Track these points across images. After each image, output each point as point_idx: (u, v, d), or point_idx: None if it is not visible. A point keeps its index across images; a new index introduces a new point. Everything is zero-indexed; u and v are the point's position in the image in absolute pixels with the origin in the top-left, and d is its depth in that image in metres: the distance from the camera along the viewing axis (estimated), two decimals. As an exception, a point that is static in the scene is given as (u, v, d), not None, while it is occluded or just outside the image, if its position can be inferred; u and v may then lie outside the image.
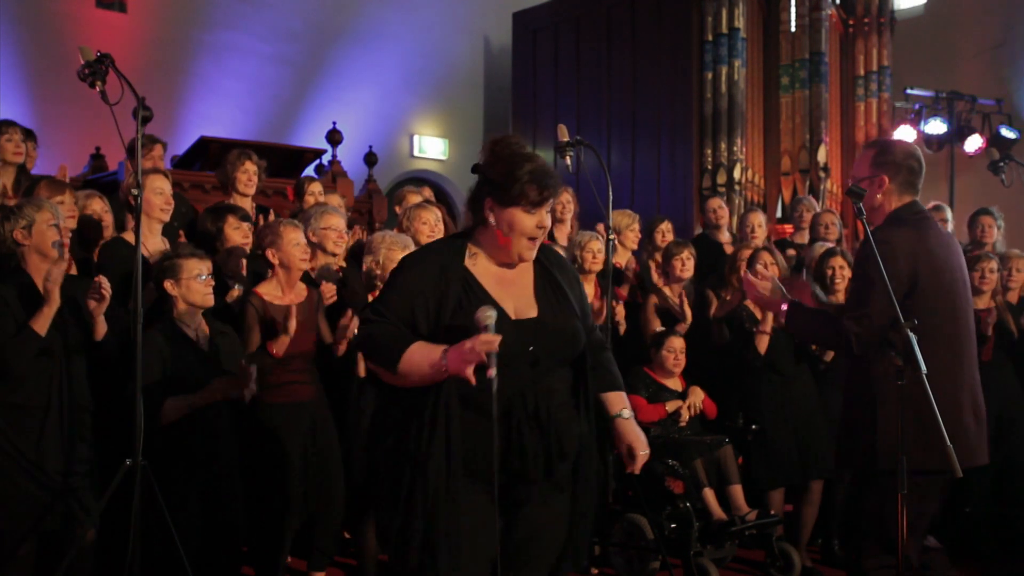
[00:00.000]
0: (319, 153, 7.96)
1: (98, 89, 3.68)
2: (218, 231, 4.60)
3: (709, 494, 4.87)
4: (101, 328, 3.68)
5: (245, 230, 4.65)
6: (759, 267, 5.05)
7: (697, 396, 5.15)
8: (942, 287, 3.18)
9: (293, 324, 3.97)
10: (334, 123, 8.44)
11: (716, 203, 6.79)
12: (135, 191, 3.70)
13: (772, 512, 4.93)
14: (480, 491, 2.47)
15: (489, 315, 2.39)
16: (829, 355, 5.15)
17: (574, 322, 2.61)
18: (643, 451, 2.69)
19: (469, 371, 2.35)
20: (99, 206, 4.63)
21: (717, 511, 4.83)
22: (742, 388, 5.16)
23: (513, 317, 2.53)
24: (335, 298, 4.37)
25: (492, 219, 2.55)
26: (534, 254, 2.60)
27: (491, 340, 2.35)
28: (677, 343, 5.16)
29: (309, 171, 7.95)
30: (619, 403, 2.76)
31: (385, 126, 10.80)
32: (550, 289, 2.63)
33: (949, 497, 3.49)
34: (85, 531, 3.58)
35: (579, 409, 2.62)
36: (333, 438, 4.21)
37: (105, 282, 3.62)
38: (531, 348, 2.49)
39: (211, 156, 6.86)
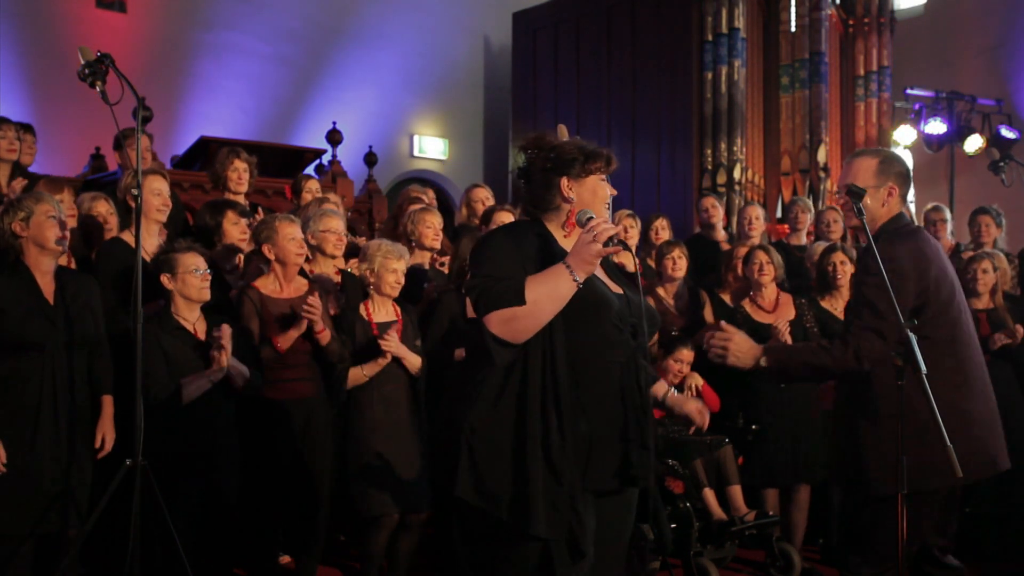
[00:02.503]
0: (319, 153, 7.96)
1: (98, 89, 3.68)
2: (216, 226, 4.61)
3: (709, 494, 4.87)
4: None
5: (243, 225, 4.67)
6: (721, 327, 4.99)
7: (696, 379, 5.11)
8: (945, 297, 3.16)
9: (303, 320, 4.00)
10: (334, 123, 8.44)
11: (709, 202, 6.78)
12: (135, 191, 3.70)
13: (771, 513, 4.93)
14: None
15: (587, 212, 2.53)
16: None
17: (650, 304, 2.76)
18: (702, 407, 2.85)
19: (597, 248, 2.40)
20: (104, 208, 4.64)
21: (717, 511, 4.82)
22: (741, 388, 5.16)
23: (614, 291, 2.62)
24: (316, 314, 4.11)
25: (574, 195, 2.61)
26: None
27: (605, 223, 2.44)
28: (686, 355, 5.03)
29: (309, 171, 7.95)
30: (662, 388, 2.87)
31: (385, 126, 10.80)
32: (617, 272, 2.74)
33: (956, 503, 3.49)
34: (78, 532, 3.58)
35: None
36: (327, 436, 4.21)
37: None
38: (632, 319, 2.57)
39: (211, 156, 6.85)
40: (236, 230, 4.63)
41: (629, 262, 3.19)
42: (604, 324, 2.52)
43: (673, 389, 2.83)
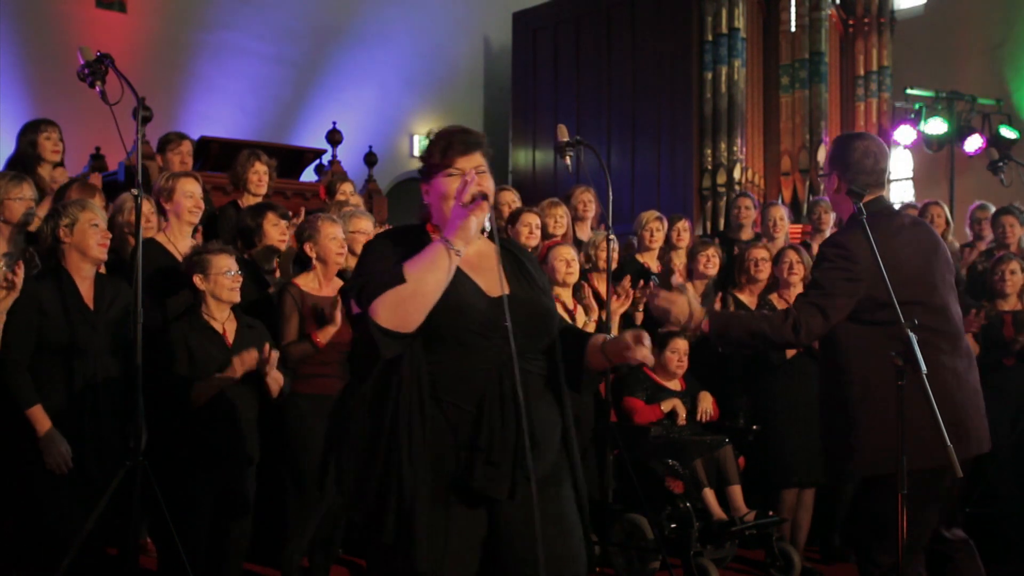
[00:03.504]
0: (319, 153, 7.96)
1: (98, 89, 3.70)
2: (257, 227, 4.72)
3: (709, 494, 4.87)
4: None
5: (283, 227, 4.77)
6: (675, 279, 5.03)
7: (707, 401, 5.15)
8: (909, 280, 3.12)
9: (338, 315, 4.08)
10: (334, 123, 8.44)
11: (746, 202, 6.68)
12: (135, 191, 3.73)
13: (771, 513, 4.93)
14: (448, 488, 2.37)
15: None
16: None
17: (546, 300, 2.58)
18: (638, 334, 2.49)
19: (470, 217, 2.33)
20: (146, 207, 4.64)
21: (717, 511, 4.83)
22: (755, 387, 5.16)
23: (488, 294, 2.46)
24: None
25: (427, 200, 2.53)
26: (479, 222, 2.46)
27: (474, 182, 2.37)
28: (681, 345, 5.14)
29: (309, 171, 7.95)
30: (599, 339, 2.59)
31: (385, 126, 10.81)
32: (518, 271, 2.58)
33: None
34: (78, 532, 3.60)
35: (559, 403, 2.54)
36: None
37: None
38: (506, 323, 2.38)
39: (211, 156, 6.87)
40: (276, 231, 4.73)
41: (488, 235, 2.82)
42: (461, 332, 2.37)
43: (608, 336, 2.59)
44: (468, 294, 2.42)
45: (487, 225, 2.44)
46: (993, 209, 6.22)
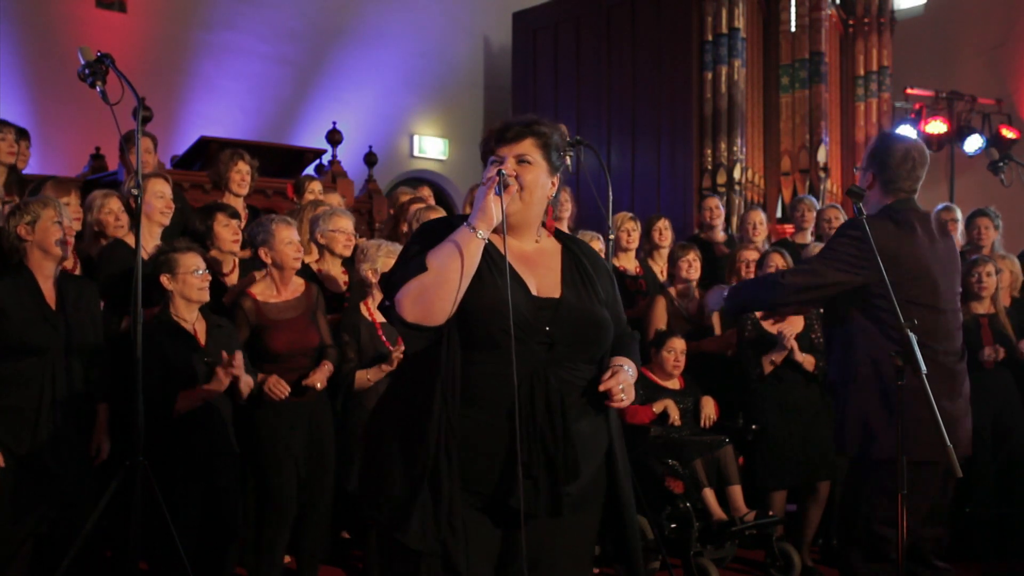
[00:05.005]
0: (319, 153, 7.96)
1: (98, 89, 3.69)
2: (208, 229, 4.58)
3: (709, 494, 4.87)
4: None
5: (235, 227, 4.64)
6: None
7: (709, 407, 5.15)
8: (915, 280, 3.20)
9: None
10: (334, 123, 8.44)
11: (713, 203, 6.75)
12: (135, 191, 3.70)
13: (771, 513, 4.93)
14: (476, 500, 2.27)
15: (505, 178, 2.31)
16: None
17: (600, 309, 2.39)
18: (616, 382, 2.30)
19: (492, 196, 2.24)
20: (117, 206, 4.61)
21: (717, 511, 4.83)
22: (747, 390, 5.16)
23: (534, 294, 2.33)
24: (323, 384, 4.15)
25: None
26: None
27: (500, 165, 2.29)
28: (678, 344, 5.15)
29: (309, 171, 7.95)
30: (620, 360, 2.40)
31: (385, 126, 10.80)
32: (578, 275, 2.41)
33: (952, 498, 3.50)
34: (78, 532, 3.59)
35: (605, 417, 2.38)
36: (329, 439, 4.20)
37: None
38: (547, 328, 2.27)
39: (211, 156, 6.85)
40: (228, 232, 4.59)
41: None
42: (495, 332, 2.22)
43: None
44: (505, 292, 2.25)
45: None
46: (958, 212, 6.23)
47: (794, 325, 4.98)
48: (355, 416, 4.24)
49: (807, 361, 4.96)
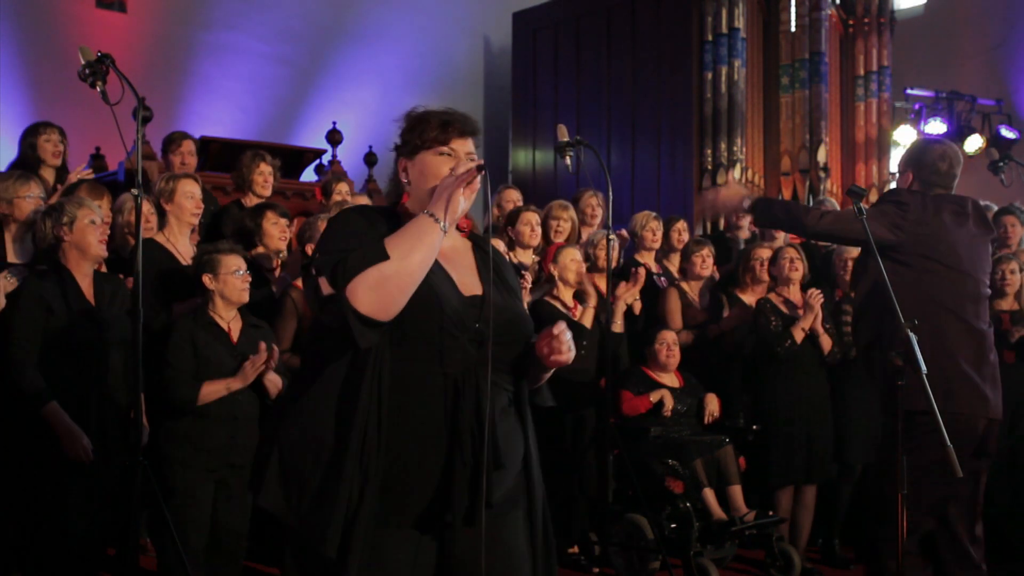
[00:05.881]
0: (319, 153, 7.96)
1: (98, 89, 3.70)
2: (257, 227, 4.73)
3: (709, 494, 4.87)
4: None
5: (283, 226, 4.78)
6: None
7: (713, 404, 5.16)
8: (939, 251, 3.41)
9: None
10: (334, 123, 8.44)
11: None
12: (135, 191, 3.73)
13: (771, 513, 4.93)
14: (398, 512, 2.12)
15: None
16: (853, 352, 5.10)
17: (521, 305, 2.37)
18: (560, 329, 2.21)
19: (453, 181, 2.14)
20: (146, 207, 4.65)
21: (717, 511, 4.83)
22: (757, 386, 5.16)
23: (460, 292, 2.23)
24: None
25: (405, 178, 2.31)
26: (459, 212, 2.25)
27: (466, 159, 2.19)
28: (668, 336, 5.18)
29: (309, 171, 7.95)
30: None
31: (385, 126, 10.66)
32: (492, 273, 2.28)
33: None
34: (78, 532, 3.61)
35: (521, 420, 2.30)
36: None
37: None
38: (477, 324, 2.17)
39: (211, 156, 6.87)
40: (276, 230, 4.75)
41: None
42: (432, 329, 2.12)
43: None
44: (443, 288, 2.16)
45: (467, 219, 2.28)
46: (994, 207, 6.23)
47: (815, 297, 4.99)
48: None
49: (825, 340, 4.98)
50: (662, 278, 5.88)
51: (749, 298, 5.38)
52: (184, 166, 5.72)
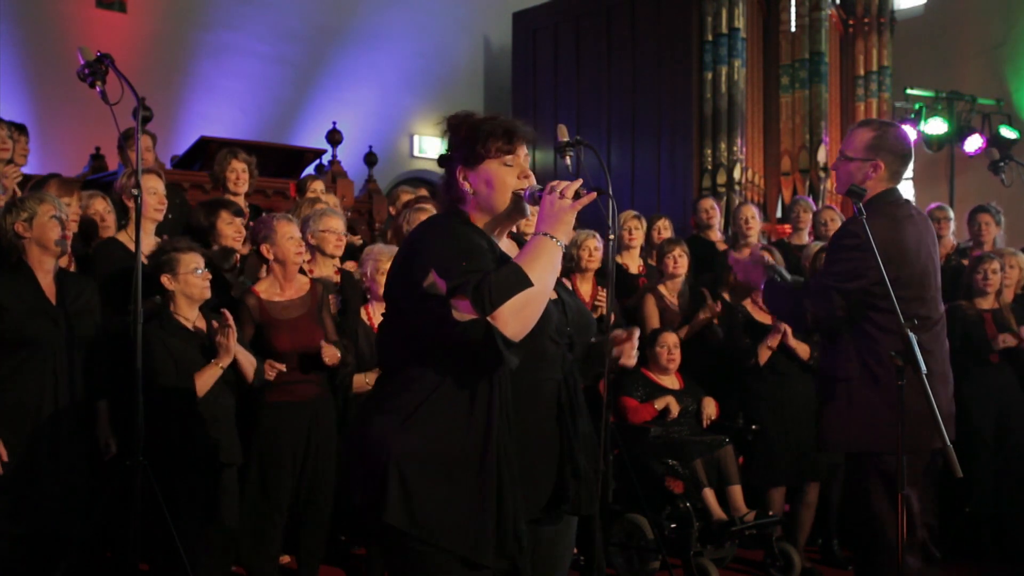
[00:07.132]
0: (319, 153, 7.96)
1: (98, 89, 3.69)
2: (211, 226, 4.60)
3: (709, 494, 4.87)
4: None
5: (238, 225, 4.65)
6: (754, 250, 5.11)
7: (711, 407, 5.16)
8: (912, 277, 3.25)
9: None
10: (334, 123, 8.44)
11: (708, 203, 6.76)
12: (135, 191, 3.70)
13: (771, 512, 4.93)
14: None
15: (535, 187, 2.27)
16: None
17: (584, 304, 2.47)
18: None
19: (567, 203, 2.20)
20: (102, 206, 4.64)
21: (717, 511, 4.82)
22: (741, 388, 5.16)
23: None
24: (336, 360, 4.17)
25: (467, 187, 2.27)
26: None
27: (563, 182, 2.23)
28: (670, 339, 5.16)
29: (309, 171, 7.95)
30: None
31: (385, 126, 10.80)
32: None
33: (949, 497, 3.52)
34: (82, 531, 3.59)
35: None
36: (331, 439, 4.19)
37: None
38: (568, 328, 2.30)
39: (211, 156, 6.86)
40: (231, 229, 4.61)
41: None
42: (541, 337, 2.20)
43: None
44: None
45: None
46: (951, 211, 6.28)
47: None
48: (352, 419, 4.23)
49: (801, 348, 4.97)
50: (641, 278, 5.88)
51: (731, 297, 5.41)
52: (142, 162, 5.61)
